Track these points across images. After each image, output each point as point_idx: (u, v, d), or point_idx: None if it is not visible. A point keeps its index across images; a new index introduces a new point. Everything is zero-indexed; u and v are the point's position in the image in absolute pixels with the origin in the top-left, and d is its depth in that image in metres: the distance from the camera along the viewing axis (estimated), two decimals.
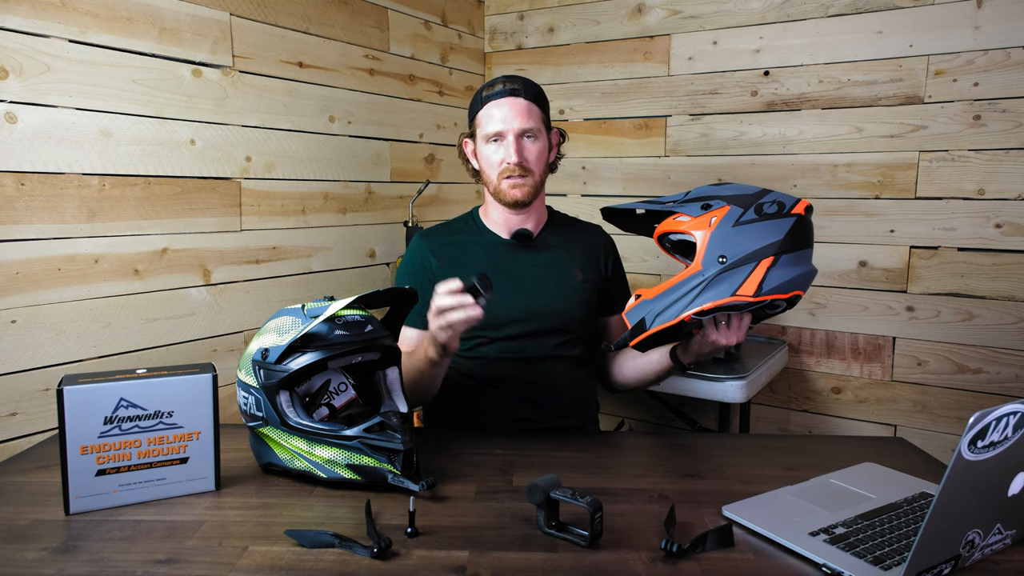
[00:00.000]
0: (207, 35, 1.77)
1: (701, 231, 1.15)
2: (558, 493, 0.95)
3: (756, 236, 1.12)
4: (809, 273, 1.15)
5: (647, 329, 1.18)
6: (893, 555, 0.87)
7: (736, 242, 1.13)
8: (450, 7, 2.63)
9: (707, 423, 2.49)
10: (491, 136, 1.45)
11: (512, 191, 1.45)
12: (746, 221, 1.14)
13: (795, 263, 1.12)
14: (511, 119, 1.43)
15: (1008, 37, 2.00)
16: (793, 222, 1.13)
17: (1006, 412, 0.78)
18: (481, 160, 1.50)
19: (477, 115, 1.49)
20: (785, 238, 1.12)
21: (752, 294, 1.10)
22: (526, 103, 1.44)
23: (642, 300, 1.20)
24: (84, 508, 1.02)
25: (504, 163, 1.44)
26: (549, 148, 1.51)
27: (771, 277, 1.11)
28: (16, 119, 1.42)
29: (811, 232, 1.17)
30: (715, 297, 1.12)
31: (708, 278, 1.13)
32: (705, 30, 2.43)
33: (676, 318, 1.14)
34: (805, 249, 1.15)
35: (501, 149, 1.45)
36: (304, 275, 2.09)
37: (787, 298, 1.13)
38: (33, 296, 1.47)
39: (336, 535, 0.92)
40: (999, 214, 2.06)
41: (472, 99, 1.52)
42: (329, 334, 1.09)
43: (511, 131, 1.43)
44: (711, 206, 1.17)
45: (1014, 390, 2.07)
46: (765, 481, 1.14)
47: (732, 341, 1.22)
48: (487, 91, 1.47)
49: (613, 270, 1.60)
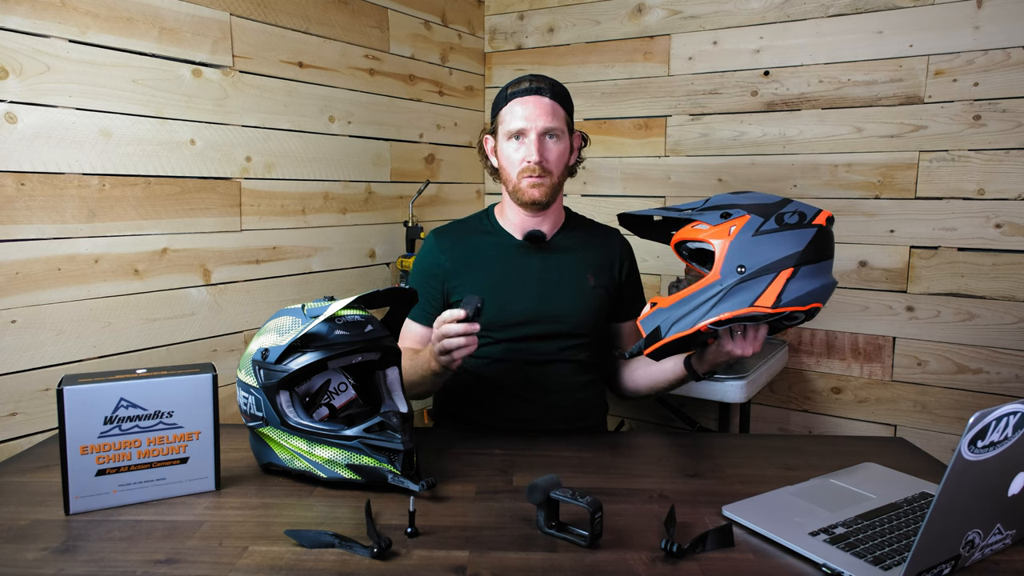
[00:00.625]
0: (207, 35, 1.77)
1: (720, 240, 1.13)
2: (558, 493, 0.95)
3: (776, 246, 1.10)
4: (829, 285, 1.12)
5: (662, 337, 1.16)
6: (893, 555, 0.87)
7: (756, 252, 1.10)
8: (450, 7, 2.63)
9: (707, 423, 2.49)
10: (513, 133, 1.43)
11: (531, 190, 1.43)
12: (766, 231, 1.11)
13: (815, 275, 1.10)
14: (535, 117, 1.41)
15: (1008, 37, 2.00)
16: (814, 233, 1.11)
17: (1006, 412, 0.78)
18: (501, 157, 1.48)
19: (500, 112, 1.46)
20: (806, 249, 1.10)
21: (771, 305, 1.08)
22: (551, 103, 1.43)
23: (658, 308, 1.17)
24: (84, 508, 1.02)
25: (525, 161, 1.42)
26: (570, 151, 1.49)
27: (790, 289, 1.08)
28: (16, 119, 1.42)
29: (832, 243, 1.15)
30: (733, 307, 1.10)
31: (726, 288, 1.11)
32: (705, 30, 2.43)
33: (692, 327, 1.12)
34: (826, 260, 1.13)
35: (522, 147, 1.43)
36: (304, 275, 2.09)
37: (806, 310, 1.11)
38: (33, 296, 1.47)
39: (336, 535, 0.92)
40: (999, 214, 2.06)
41: (496, 95, 1.49)
42: (329, 334, 1.09)
43: (534, 129, 1.41)
44: (731, 215, 1.15)
45: (1014, 390, 2.07)
46: (765, 481, 1.14)
47: (748, 352, 1.20)
48: (513, 88, 1.45)
49: (628, 276, 1.57)
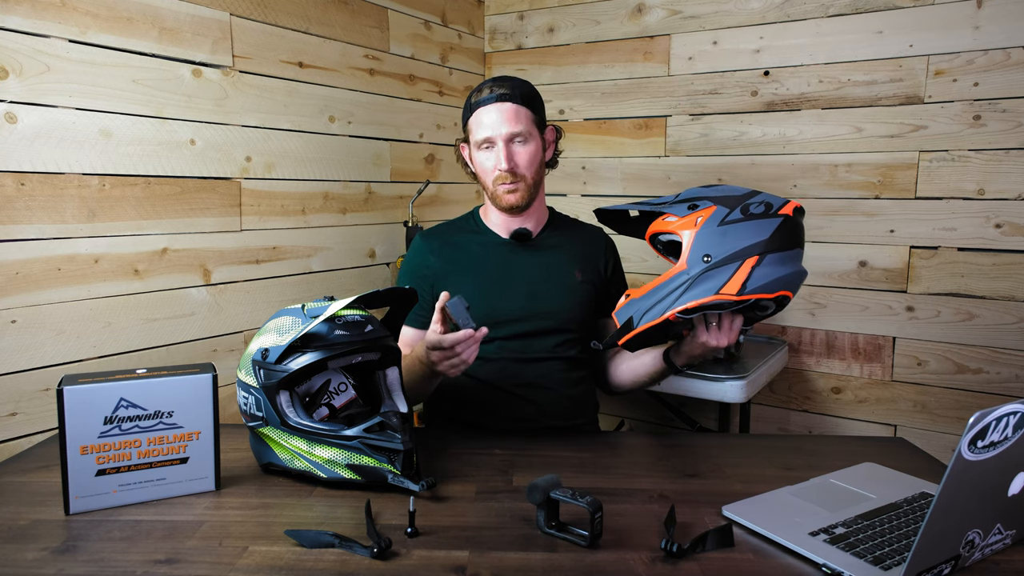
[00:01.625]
0: (207, 35, 1.77)
1: (687, 231, 1.16)
2: (558, 493, 0.95)
3: (741, 236, 1.13)
4: (798, 274, 1.14)
5: (634, 328, 1.19)
6: (893, 555, 0.87)
7: (721, 242, 1.13)
8: (450, 7, 2.63)
9: (707, 423, 2.49)
10: (481, 143, 1.46)
11: (507, 196, 1.46)
12: (731, 221, 1.14)
13: (782, 263, 1.12)
14: (499, 124, 1.43)
15: (1008, 37, 2.00)
16: (779, 222, 1.13)
17: (1006, 412, 0.78)
18: (476, 165, 1.51)
19: (468, 122, 1.49)
20: (771, 238, 1.12)
21: (736, 293, 1.11)
22: (514, 107, 1.43)
23: (631, 299, 1.20)
24: (84, 508, 1.02)
25: (496, 169, 1.45)
26: (544, 147, 1.51)
27: (756, 276, 1.11)
28: (16, 119, 1.42)
29: (801, 233, 1.17)
30: (699, 296, 1.13)
31: (692, 277, 1.13)
32: (705, 30, 2.43)
33: (661, 316, 1.15)
34: (794, 250, 1.15)
35: (492, 155, 1.45)
36: (304, 275, 2.09)
37: (773, 298, 1.13)
38: (33, 296, 1.47)
39: (336, 535, 0.92)
40: (999, 214, 2.06)
41: (464, 105, 1.52)
42: (329, 334, 1.09)
43: (500, 137, 1.43)
44: (698, 206, 1.18)
45: (1014, 390, 2.07)
46: (765, 481, 1.14)
47: (723, 343, 1.22)
48: (475, 97, 1.47)
49: (613, 272, 1.60)
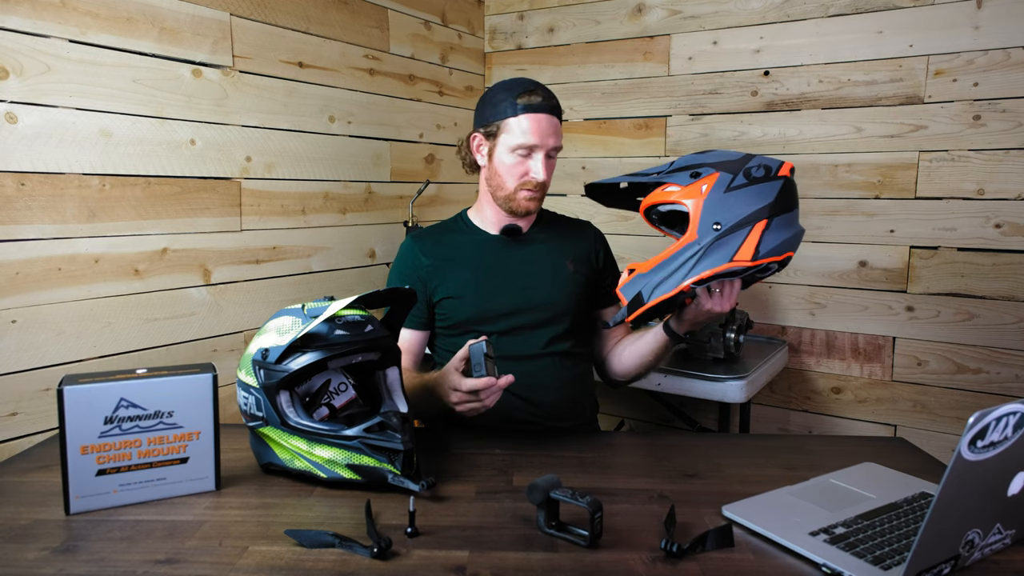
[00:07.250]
0: (207, 35, 1.77)
1: (693, 199, 1.16)
2: (558, 493, 0.95)
3: (748, 201, 1.14)
4: (799, 233, 1.17)
5: (645, 302, 1.18)
6: (893, 555, 0.87)
7: (729, 208, 1.14)
8: (450, 7, 2.63)
9: (707, 423, 2.49)
10: (522, 147, 1.41)
11: (527, 203, 1.46)
12: (737, 186, 1.15)
13: (786, 225, 1.15)
14: (547, 136, 1.41)
15: (1008, 37, 2.00)
16: (781, 184, 1.15)
17: (1006, 412, 0.78)
18: (498, 164, 1.46)
19: (506, 120, 1.42)
20: (776, 200, 1.13)
21: (750, 258, 1.12)
22: (557, 120, 1.44)
23: (637, 274, 1.20)
24: (84, 508, 1.02)
25: (526, 176, 1.44)
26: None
27: (766, 240, 1.12)
28: (16, 119, 1.42)
29: (796, 193, 1.19)
30: (713, 264, 1.13)
31: (704, 246, 1.14)
32: (705, 30, 2.43)
33: (675, 289, 1.15)
34: (794, 211, 1.17)
35: (527, 163, 1.43)
36: (304, 275, 2.09)
37: (781, 260, 1.15)
38: (33, 296, 1.47)
39: (336, 535, 0.92)
40: (999, 214, 2.05)
41: (497, 96, 1.44)
42: (329, 334, 1.09)
43: (544, 148, 1.42)
44: (700, 174, 1.18)
45: (1014, 390, 2.07)
46: (765, 481, 1.14)
47: (726, 307, 1.24)
48: (524, 99, 1.41)
49: (605, 263, 1.61)
